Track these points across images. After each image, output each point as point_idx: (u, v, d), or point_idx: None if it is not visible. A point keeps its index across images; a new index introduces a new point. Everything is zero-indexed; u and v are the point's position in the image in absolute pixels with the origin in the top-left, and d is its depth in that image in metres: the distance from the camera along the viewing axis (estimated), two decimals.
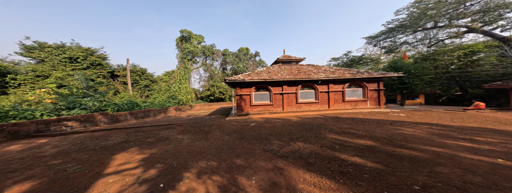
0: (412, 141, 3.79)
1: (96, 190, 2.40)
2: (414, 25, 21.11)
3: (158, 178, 2.69)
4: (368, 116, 7.66)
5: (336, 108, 10.35)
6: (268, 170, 2.73)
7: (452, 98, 20.73)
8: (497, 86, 9.97)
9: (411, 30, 22.01)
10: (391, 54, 26.83)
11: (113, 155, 3.91)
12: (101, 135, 6.11)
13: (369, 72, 10.14)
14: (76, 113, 8.40)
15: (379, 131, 4.87)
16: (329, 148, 3.64)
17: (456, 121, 6.04)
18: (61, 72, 15.94)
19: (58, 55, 16.52)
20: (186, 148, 4.20)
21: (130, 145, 4.64)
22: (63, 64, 16.71)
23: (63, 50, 16.97)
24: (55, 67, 15.85)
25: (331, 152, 3.35)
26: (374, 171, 2.46)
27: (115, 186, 2.53)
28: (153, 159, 3.56)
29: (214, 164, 3.14)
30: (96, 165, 3.37)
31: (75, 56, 17.47)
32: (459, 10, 19.42)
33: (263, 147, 3.97)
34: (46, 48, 16.19)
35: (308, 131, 5.25)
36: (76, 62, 17.96)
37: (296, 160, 3.07)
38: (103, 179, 2.78)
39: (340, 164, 2.77)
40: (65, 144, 5.05)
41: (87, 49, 19.13)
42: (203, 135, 5.52)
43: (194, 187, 2.38)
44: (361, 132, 4.78)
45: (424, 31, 22.37)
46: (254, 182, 2.39)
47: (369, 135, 4.50)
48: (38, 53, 15.42)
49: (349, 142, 3.94)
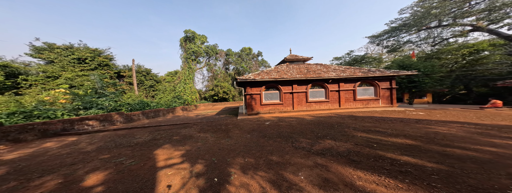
0: (456, 141, 3.61)
1: (163, 181, 2.52)
2: (418, 24, 20.70)
3: (208, 173, 2.74)
4: (385, 115, 7.46)
5: (347, 107, 10.07)
6: (311, 167, 2.68)
7: (457, 96, 20.31)
8: (510, 84, 9.60)
9: (416, 29, 21.57)
10: (394, 53, 26.40)
11: (152, 151, 3.95)
12: (124, 134, 6.08)
13: (382, 71, 9.84)
14: (93, 113, 8.38)
15: (409, 129, 4.66)
16: (366, 146, 3.49)
17: (484, 119, 5.84)
18: (70, 72, 15.74)
19: (67, 56, 16.34)
20: (215, 145, 4.17)
21: (161, 143, 4.65)
22: (72, 65, 16.52)
23: (71, 51, 16.78)
24: (65, 68, 15.67)
25: (371, 151, 3.21)
26: (440, 172, 2.30)
27: (176, 178, 2.63)
28: (191, 155, 3.59)
29: (252, 161, 3.11)
30: (145, 160, 3.43)
31: (83, 57, 17.29)
32: (464, 8, 18.98)
33: (291, 144, 3.88)
34: (55, 49, 15.99)
35: (331, 129, 5.09)
36: (84, 62, 17.77)
37: (336, 158, 2.99)
38: (161, 171, 2.87)
39: (392, 163, 2.63)
40: (97, 142, 5.10)
41: (94, 49, 18.94)
42: (224, 133, 5.41)
43: (246, 181, 2.39)
44: (390, 131, 4.59)
45: (428, 30, 21.94)
46: (303, 178, 2.35)
47: (401, 133, 4.31)
48: (47, 54, 15.25)
49: (385, 141, 3.77)
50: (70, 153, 4.13)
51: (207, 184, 2.35)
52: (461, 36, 19.73)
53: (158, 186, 2.37)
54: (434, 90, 14.64)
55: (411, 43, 23.05)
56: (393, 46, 24.46)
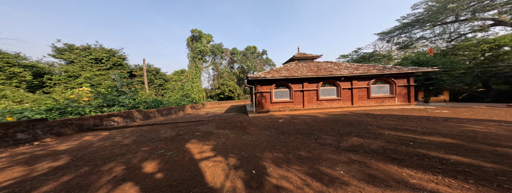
0: (503, 140, 3.30)
1: (208, 171, 2.62)
2: (433, 19, 19.42)
3: (244, 166, 2.78)
4: (405, 113, 7.04)
5: (360, 105, 9.62)
6: (347, 163, 2.61)
7: (474, 94, 18.96)
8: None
9: (430, 25, 20.26)
10: (404, 50, 25.04)
11: (184, 145, 4.05)
12: (148, 129, 6.21)
13: (398, 68, 9.29)
14: (116, 110, 8.66)
15: (441, 128, 4.36)
16: (401, 144, 3.28)
17: None
18: (89, 72, 16.30)
19: (85, 56, 16.91)
20: (238, 141, 4.18)
21: (187, 138, 4.73)
22: (89, 64, 17.08)
23: (89, 51, 17.36)
24: (84, 68, 16.23)
25: (409, 149, 3.01)
26: (506, 173, 2.09)
27: (218, 169, 2.70)
28: (220, 149, 3.64)
29: (281, 155, 3.09)
30: (181, 152, 3.54)
31: (100, 57, 17.82)
32: (484, 2, 17.53)
33: (314, 141, 3.78)
34: (74, 50, 16.59)
35: (351, 127, 4.87)
36: (101, 62, 18.32)
37: (372, 155, 2.86)
38: (201, 163, 2.97)
39: (443, 163, 2.44)
40: (129, 136, 5.29)
41: (109, 50, 19.48)
42: (241, 130, 5.36)
43: (284, 174, 2.39)
44: (421, 129, 4.31)
45: (443, 26, 20.54)
46: (343, 172, 2.30)
47: (434, 132, 4.02)
48: (68, 55, 15.87)
49: (420, 139, 3.53)
50: (112, 145, 4.30)
51: (247, 176, 2.41)
52: (481, 31, 18.29)
53: (205, 175, 2.50)
54: (453, 88, 13.69)
55: (425, 39, 21.72)
56: (405, 43, 23.18)
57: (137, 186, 2.27)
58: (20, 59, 12.82)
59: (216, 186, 2.19)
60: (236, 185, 2.19)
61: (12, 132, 4.37)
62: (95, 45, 18.55)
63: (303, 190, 1.96)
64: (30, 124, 4.74)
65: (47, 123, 5.12)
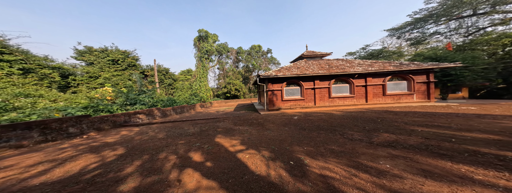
0: None
1: (249, 162, 2.68)
2: (449, 13, 18.16)
3: (279, 157, 2.78)
4: (428, 110, 6.67)
5: (375, 102, 9.20)
6: (389, 157, 2.49)
7: (494, 91, 17.61)
8: None
9: (446, 19, 18.99)
10: (415, 46, 23.69)
11: (213, 140, 4.11)
12: (172, 126, 6.36)
13: (417, 64, 8.76)
14: (138, 108, 8.99)
15: (476, 124, 4.07)
16: (443, 140, 3.08)
17: None
18: (107, 73, 16.90)
19: (103, 58, 17.51)
20: (262, 136, 4.15)
21: (212, 133, 4.78)
22: (107, 65, 17.70)
23: (106, 53, 17.95)
24: (103, 69, 16.84)
25: (454, 145, 2.83)
26: None
27: (256, 160, 2.75)
28: (248, 143, 3.66)
29: (312, 149, 3.05)
30: (216, 146, 3.61)
31: (116, 58, 18.40)
32: None
33: (341, 136, 3.69)
34: (94, 52, 17.24)
35: (376, 124, 4.66)
36: (117, 63, 18.92)
37: (414, 150, 2.71)
38: (238, 154, 3.03)
39: (500, 159, 2.27)
40: (159, 131, 5.46)
41: (124, 51, 20.06)
42: (260, 126, 5.30)
43: (323, 165, 2.36)
44: (455, 126, 4.04)
45: (459, 20, 19.16)
46: (391, 166, 2.18)
47: (472, 128, 3.75)
48: (88, 57, 16.50)
49: (459, 136, 3.31)
50: (150, 139, 4.42)
51: (287, 166, 2.43)
52: (502, 24, 16.85)
53: (248, 165, 2.57)
54: (475, 84, 12.72)
55: (439, 34, 20.42)
56: (417, 39, 21.94)
57: (197, 171, 2.47)
58: (48, 61, 13.54)
59: (263, 174, 2.26)
60: (280, 173, 2.23)
61: (65, 126, 4.80)
62: (111, 47, 19.18)
63: (352, 180, 1.92)
64: (78, 119, 5.17)
65: (90, 119, 5.53)
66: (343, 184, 1.85)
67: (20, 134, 3.85)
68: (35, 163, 3.07)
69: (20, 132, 3.87)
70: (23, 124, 3.94)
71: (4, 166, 3.00)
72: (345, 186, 1.81)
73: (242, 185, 2.02)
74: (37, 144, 4.16)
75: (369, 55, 26.37)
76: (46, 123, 4.34)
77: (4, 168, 2.90)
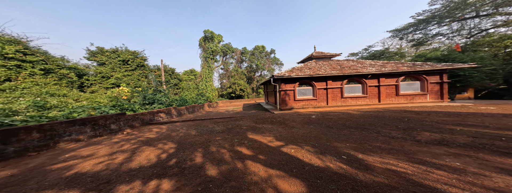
0: None
1: (299, 155, 2.72)
2: (452, 15, 17.94)
3: (326, 152, 2.78)
4: (448, 110, 6.61)
5: (388, 102, 9.08)
6: (452, 155, 2.40)
7: (495, 92, 17.39)
8: None
9: (449, 21, 18.76)
10: (416, 48, 23.44)
11: (247, 136, 4.11)
12: (195, 124, 6.39)
13: (431, 64, 8.64)
14: (157, 107, 9.12)
15: (510, 124, 3.97)
16: (493, 139, 3.00)
17: None
18: (119, 73, 16.69)
19: (114, 58, 17.31)
20: (293, 134, 4.15)
21: (239, 131, 4.79)
22: (118, 66, 17.47)
23: (117, 54, 17.74)
24: (114, 69, 16.63)
25: (510, 144, 2.76)
26: None
27: (304, 153, 2.77)
28: (284, 139, 3.65)
29: (355, 146, 3.02)
30: (253, 141, 3.64)
31: (126, 58, 18.18)
32: None
33: (378, 135, 3.67)
34: (105, 52, 17.02)
35: (407, 123, 4.60)
36: (127, 64, 18.69)
37: (471, 149, 2.62)
38: (282, 149, 3.06)
39: None
40: (187, 129, 5.50)
41: (134, 52, 19.83)
42: (283, 125, 5.33)
43: (383, 161, 2.30)
44: (490, 125, 3.97)
45: (462, 21, 18.92)
46: (462, 164, 2.10)
47: (510, 127, 3.66)
48: (100, 57, 16.28)
49: (505, 135, 3.20)
50: (186, 135, 4.46)
51: (342, 160, 2.41)
52: (505, 26, 16.64)
53: (300, 158, 2.58)
54: (482, 85, 12.53)
55: (442, 35, 20.24)
56: (419, 40, 21.74)
57: (257, 163, 2.52)
58: (65, 61, 13.34)
59: (322, 166, 2.27)
60: (339, 165, 2.21)
61: (108, 123, 5.01)
62: (121, 47, 18.94)
63: (429, 175, 1.85)
64: (117, 117, 5.36)
65: (125, 117, 5.74)
66: (423, 179, 1.76)
67: (78, 129, 4.09)
68: (109, 153, 3.24)
69: (78, 128, 4.10)
70: (79, 120, 4.18)
71: (86, 154, 3.24)
72: (427, 181, 1.72)
73: (309, 174, 2.09)
74: (90, 138, 4.39)
75: (372, 55, 26.18)
76: (95, 120, 4.54)
77: (88, 156, 3.13)
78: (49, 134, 3.49)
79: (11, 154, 2.96)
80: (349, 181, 1.84)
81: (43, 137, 3.39)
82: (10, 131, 3.00)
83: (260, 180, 2.03)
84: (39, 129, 3.37)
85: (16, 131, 3.06)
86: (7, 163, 2.80)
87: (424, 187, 1.61)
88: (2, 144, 2.91)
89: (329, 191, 1.68)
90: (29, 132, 3.22)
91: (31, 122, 3.74)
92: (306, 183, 1.86)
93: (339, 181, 1.87)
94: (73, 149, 3.54)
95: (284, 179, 1.98)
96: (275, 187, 1.86)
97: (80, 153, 3.30)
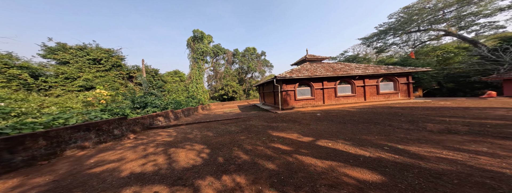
0: None
1: (341, 148, 2.83)
2: (402, 28, 22.08)
3: (363, 145, 2.89)
4: (419, 105, 7.76)
5: (371, 100, 10.44)
6: (471, 142, 2.70)
7: (431, 91, 21.90)
8: (493, 79, 10.78)
9: (402, 32, 22.97)
10: (379, 54, 27.89)
11: (272, 134, 4.09)
12: (203, 126, 6.06)
13: (400, 68, 10.35)
14: (151, 111, 8.26)
15: (477, 114, 4.80)
16: (482, 127, 3.53)
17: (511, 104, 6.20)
18: (88, 74, 13.70)
19: (82, 56, 14.12)
20: (314, 130, 4.22)
21: (257, 130, 4.71)
22: (87, 65, 14.35)
23: (86, 51, 14.57)
24: (82, 69, 13.54)
25: (497, 129, 3.30)
26: None
27: (342, 146, 2.90)
28: (311, 135, 3.76)
29: (384, 138, 3.20)
30: (282, 138, 3.69)
31: (98, 57, 15.12)
32: (438, 16, 20.61)
33: (392, 128, 3.99)
34: (69, 49, 13.70)
35: (404, 117, 5.12)
36: (99, 63, 15.57)
37: (476, 135, 3.01)
38: (318, 143, 3.19)
39: None
40: (201, 131, 5.21)
41: (108, 50, 16.71)
42: (297, 123, 5.42)
43: (424, 150, 2.46)
44: (466, 115, 4.72)
45: (408, 34, 23.52)
46: (487, 149, 2.35)
47: (480, 117, 4.39)
48: (62, 55, 12.99)
49: (487, 123, 3.76)
50: (205, 137, 4.31)
51: (387, 151, 2.52)
52: (436, 40, 21.59)
53: (344, 150, 2.69)
54: (429, 85, 15.77)
55: (396, 45, 24.67)
56: (381, 48, 25.93)
57: (305, 156, 2.59)
58: (13, 59, 9.95)
59: (373, 156, 2.39)
60: (390, 155, 2.31)
61: (111, 128, 4.56)
62: (90, 44, 15.61)
63: (479, 160, 2.05)
64: (119, 121, 4.90)
65: (127, 121, 5.29)
66: (479, 164, 1.94)
67: (83, 135, 3.78)
68: (140, 156, 3.09)
69: (83, 134, 3.78)
70: (84, 126, 3.84)
71: (114, 159, 3.05)
72: (484, 165, 1.91)
73: (370, 164, 2.16)
74: (95, 144, 4.03)
75: (347, 59, 29.65)
76: (99, 125, 4.17)
77: (121, 160, 2.96)
78: (55, 141, 3.16)
79: (20, 164, 2.66)
80: (419, 169, 1.90)
81: (49, 144, 3.06)
82: (16, 138, 2.67)
83: (324, 170, 2.09)
84: (45, 136, 3.03)
85: (23, 139, 2.74)
86: (20, 172, 2.54)
87: (489, 172, 1.75)
88: (9, 153, 2.58)
89: (409, 179, 1.74)
90: (36, 140, 2.89)
91: (25, 130, 3.22)
92: (378, 172, 1.90)
93: (408, 169, 1.93)
94: (89, 156, 3.28)
95: (348, 169, 2.04)
96: (347, 176, 1.90)
97: (104, 158, 3.12)
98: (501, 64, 13.15)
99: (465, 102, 7.81)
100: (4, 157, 2.51)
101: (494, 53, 13.71)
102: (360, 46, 29.76)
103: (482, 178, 1.70)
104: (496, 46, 14.20)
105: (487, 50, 14.68)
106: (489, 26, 17.47)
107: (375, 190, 1.61)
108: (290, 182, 1.86)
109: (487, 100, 8.24)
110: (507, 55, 12.87)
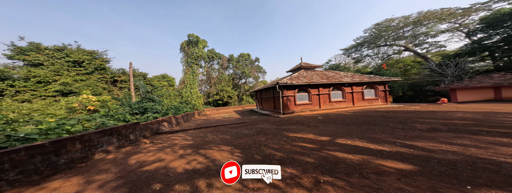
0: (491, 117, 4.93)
1: (359, 144, 3.12)
2: (374, 42, 25.82)
3: (377, 142, 3.17)
4: (397, 109, 8.65)
5: (358, 105, 11.73)
6: (456, 138, 3.18)
7: (396, 98, 24.86)
8: (442, 88, 13.39)
9: (374, 46, 26.70)
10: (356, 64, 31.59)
11: (288, 135, 4.27)
12: (212, 131, 6.00)
13: (379, 77, 11.98)
14: (152, 116, 7.96)
15: (445, 116, 5.59)
16: (455, 126, 4.19)
17: (465, 109, 7.13)
18: (66, 77, 11.91)
19: (60, 58, 12.28)
20: (325, 131, 4.48)
21: (271, 132, 4.87)
22: (65, 68, 12.50)
23: (65, 53, 12.75)
24: (59, 72, 11.72)
25: (465, 128, 3.93)
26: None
27: (360, 143, 3.16)
28: (325, 135, 4.02)
29: (390, 136, 3.55)
30: (304, 138, 3.85)
31: (80, 59, 13.37)
32: (400, 33, 24.82)
33: (389, 128, 4.38)
34: (44, 50, 11.77)
35: (392, 119, 5.69)
36: (80, 66, 13.75)
37: (456, 132, 3.55)
38: (337, 141, 3.41)
39: (505, 132, 3.33)
40: (215, 135, 5.17)
41: (91, 52, 14.96)
42: (305, 125, 5.65)
43: (428, 144, 2.82)
44: (438, 117, 5.45)
45: (378, 47, 27.51)
46: (470, 142, 2.83)
47: (450, 118, 5.09)
48: (35, 56, 11.07)
49: (456, 123, 4.34)
50: (223, 140, 4.31)
51: (398, 145, 2.85)
52: (399, 54, 25.76)
53: (365, 147, 3.00)
54: (397, 93, 18.42)
55: (369, 56, 28.53)
56: (358, 58, 29.54)
57: (336, 152, 2.78)
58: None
59: (393, 151, 2.67)
60: (405, 150, 2.65)
61: (128, 133, 4.56)
62: (71, 45, 13.73)
63: (469, 151, 2.49)
64: (134, 126, 4.96)
65: (140, 126, 5.27)
66: (475, 154, 2.33)
67: (107, 140, 3.81)
68: (177, 156, 3.12)
69: (107, 138, 3.81)
70: (108, 130, 3.89)
71: (154, 159, 3.06)
72: (479, 155, 2.28)
73: (396, 157, 2.40)
74: (117, 149, 4.01)
75: (331, 67, 32.62)
76: (119, 130, 4.21)
77: (161, 161, 2.95)
78: (87, 145, 3.29)
79: (62, 166, 2.78)
80: (437, 160, 2.19)
81: (83, 148, 3.19)
82: (60, 142, 2.82)
83: (360, 162, 2.28)
84: (81, 140, 3.15)
85: (65, 142, 2.90)
86: (68, 173, 2.59)
87: (485, 159, 2.09)
88: (56, 155, 2.70)
89: (436, 167, 2.00)
90: (74, 143, 3.01)
91: (51, 135, 3.26)
92: (407, 163, 2.18)
93: (429, 160, 2.21)
94: (122, 158, 3.27)
95: (381, 161, 2.25)
96: (384, 166, 2.14)
97: (141, 159, 3.14)
98: (445, 76, 16.47)
99: (429, 107, 8.84)
100: (52, 159, 2.63)
101: (440, 67, 17.16)
102: (340, 56, 33.28)
103: (484, 164, 2.04)
104: (441, 61, 17.81)
105: (434, 64, 18.25)
106: (435, 44, 21.92)
107: (418, 176, 1.82)
108: (337, 171, 2.04)
109: (443, 105, 10.11)
110: (449, 69, 16.27)
